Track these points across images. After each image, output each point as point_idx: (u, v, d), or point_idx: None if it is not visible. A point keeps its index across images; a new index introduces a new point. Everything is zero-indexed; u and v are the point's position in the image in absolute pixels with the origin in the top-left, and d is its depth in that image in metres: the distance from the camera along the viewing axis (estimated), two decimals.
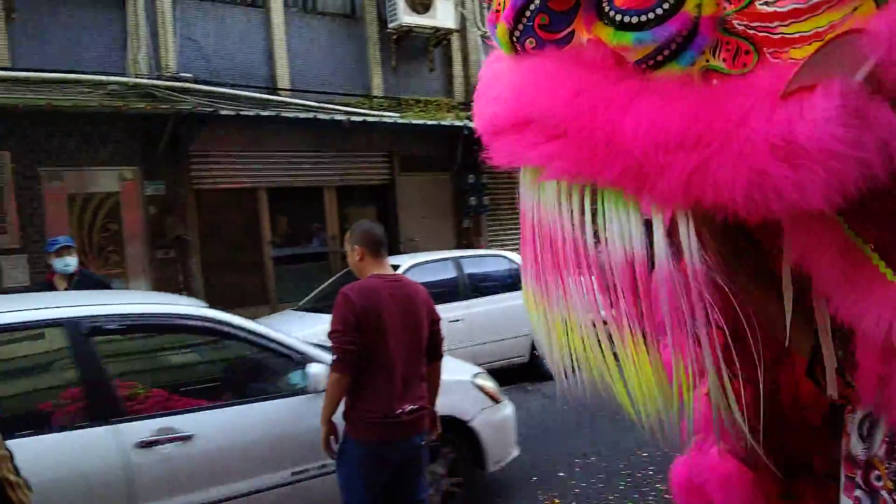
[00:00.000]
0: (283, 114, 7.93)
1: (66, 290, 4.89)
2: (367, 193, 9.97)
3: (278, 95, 8.49)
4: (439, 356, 2.97)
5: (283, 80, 8.61)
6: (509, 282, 7.33)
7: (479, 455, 3.88)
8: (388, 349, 2.69)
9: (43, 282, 5.31)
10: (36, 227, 7.09)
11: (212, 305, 3.48)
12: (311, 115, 8.18)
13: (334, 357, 2.69)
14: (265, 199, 8.87)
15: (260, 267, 8.85)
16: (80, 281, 5.06)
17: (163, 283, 7.87)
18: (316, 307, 6.95)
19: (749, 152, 0.81)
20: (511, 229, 10.79)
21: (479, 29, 10.13)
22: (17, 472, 1.77)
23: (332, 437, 2.77)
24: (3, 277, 6.93)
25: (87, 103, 6.95)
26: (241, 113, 7.63)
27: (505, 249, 8.28)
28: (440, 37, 9.66)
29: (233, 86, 8.15)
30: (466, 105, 9.94)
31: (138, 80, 7.50)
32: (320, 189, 9.31)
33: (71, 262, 4.98)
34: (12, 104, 6.56)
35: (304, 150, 9.02)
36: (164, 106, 7.34)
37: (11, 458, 1.78)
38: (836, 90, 0.78)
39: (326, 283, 7.61)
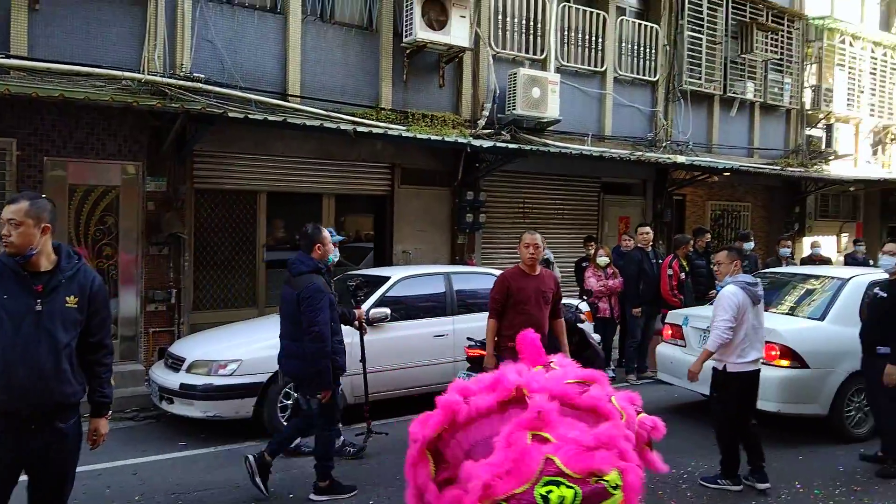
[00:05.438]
0: (291, 119, 8.01)
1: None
2: (366, 203, 10.08)
3: (288, 101, 8.60)
4: (558, 315, 5.45)
5: (295, 87, 8.71)
6: None
7: None
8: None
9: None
10: None
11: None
12: (318, 122, 8.29)
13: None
14: (264, 202, 8.98)
15: (252, 269, 8.95)
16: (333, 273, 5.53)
17: (153, 280, 7.97)
18: None
19: None
20: (503, 247, 10.87)
21: (491, 49, 10.26)
22: None
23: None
24: None
25: (99, 97, 6.99)
26: (250, 116, 7.72)
27: (495, 267, 8.35)
28: (453, 54, 9.77)
29: (244, 89, 8.25)
30: (473, 122, 10.06)
31: (152, 78, 7.59)
32: (320, 196, 9.42)
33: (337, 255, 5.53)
34: (26, 93, 6.57)
35: (308, 156, 9.14)
36: (174, 104, 7.41)
37: None
38: None
39: None
